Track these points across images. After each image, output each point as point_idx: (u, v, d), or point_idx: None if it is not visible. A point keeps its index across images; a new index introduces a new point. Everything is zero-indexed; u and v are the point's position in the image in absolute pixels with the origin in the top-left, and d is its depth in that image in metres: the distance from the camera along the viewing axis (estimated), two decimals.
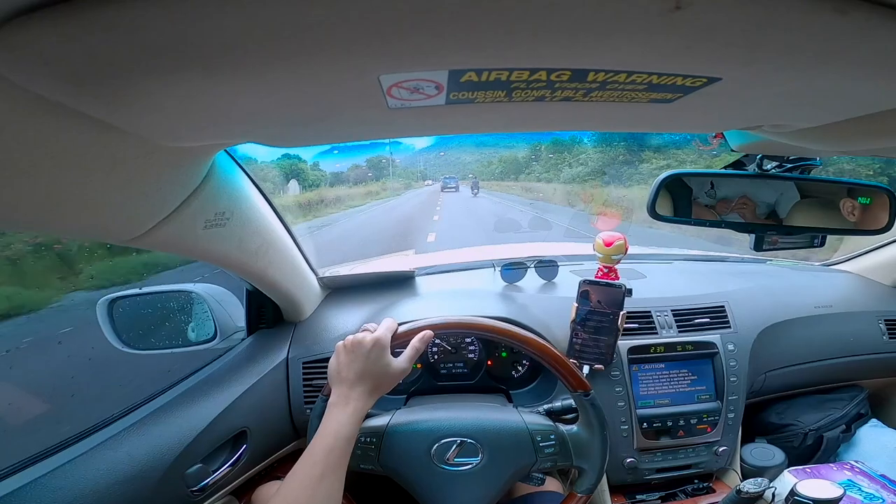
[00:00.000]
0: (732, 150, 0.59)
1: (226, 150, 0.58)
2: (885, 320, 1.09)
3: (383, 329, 0.66)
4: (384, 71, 0.25)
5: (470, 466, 0.67)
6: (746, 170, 0.66)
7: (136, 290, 0.86)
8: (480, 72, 0.26)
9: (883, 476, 0.83)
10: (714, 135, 0.60)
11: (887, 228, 0.66)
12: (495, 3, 0.19)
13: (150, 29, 0.19)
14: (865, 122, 0.38)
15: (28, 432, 1.83)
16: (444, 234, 7.68)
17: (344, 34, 0.20)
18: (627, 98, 0.31)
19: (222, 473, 0.73)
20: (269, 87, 0.25)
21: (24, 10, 0.19)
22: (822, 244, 0.71)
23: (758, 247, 0.69)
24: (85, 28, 0.19)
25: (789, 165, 0.64)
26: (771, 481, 0.84)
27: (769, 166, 0.64)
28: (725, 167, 0.67)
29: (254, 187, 0.69)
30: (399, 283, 1.08)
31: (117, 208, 0.44)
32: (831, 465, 0.87)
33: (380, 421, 0.70)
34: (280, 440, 0.87)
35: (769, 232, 0.67)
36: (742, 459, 0.95)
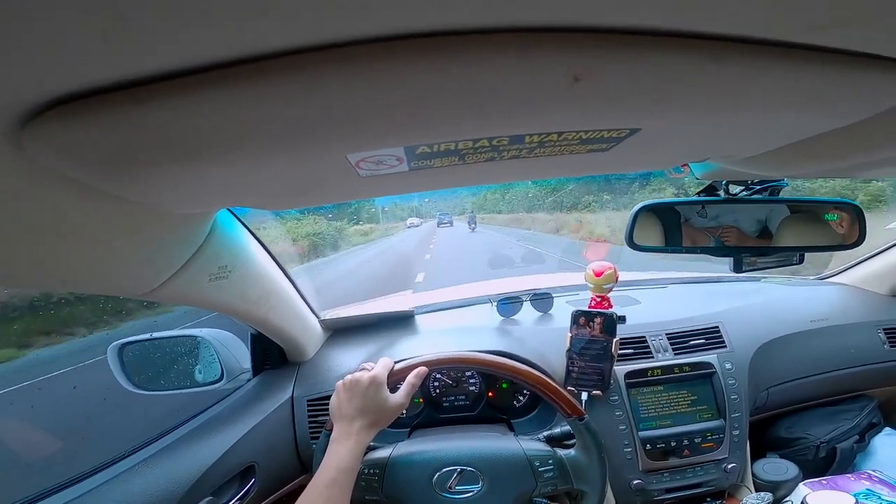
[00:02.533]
0: (697, 178, 0.62)
1: (226, 208, 0.63)
2: (884, 329, 1.09)
3: (380, 367, 0.70)
4: (349, 151, 0.29)
5: (471, 494, 0.69)
6: (718, 195, 0.69)
7: (145, 336, 0.89)
8: (431, 145, 0.29)
9: None
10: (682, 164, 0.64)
11: (860, 242, 0.69)
12: (431, 94, 0.23)
13: (157, 126, 0.23)
14: (799, 148, 0.40)
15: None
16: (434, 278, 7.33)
17: (314, 125, 0.24)
18: (567, 151, 0.34)
19: None
20: (261, 166, 0.29)
21: (56, 102, 0.22)
22: (801, 261, 0.73)
23: (738, 269, 0.71)
24: (110, 122, 0.22)
25: (757, 188, 0.67)
26: (788, 495, 0.83)
27: (736, 190, 0.67)
28: (699, 192, 0.70)
29: (254, 239, 0.73)
30: (399, 322, 1.11)
31: (130, 267, 0.48)
32: (848, 475, 0.85)
33: (382, 453, 0.72)
34: (287, 475, 0.88)
35: (745, 254, 0.70)
36: (754, 475, 0.94)
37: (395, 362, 0.72)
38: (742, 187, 0.66)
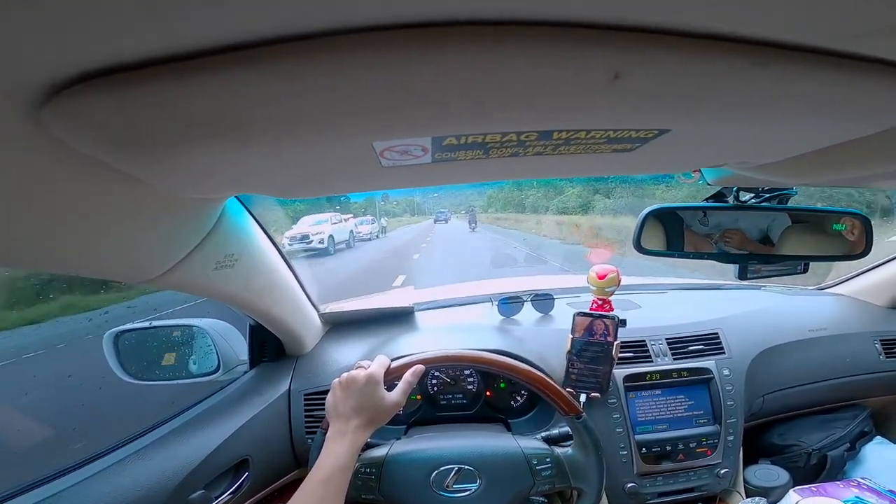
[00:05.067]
0: (708, 184, 0.62)
1: (235, 196, 0.62)
2: (881, 340, 1.10)
3: (376, 365, 0.69)
4: (377, 138, 0.28)
5: (469, 492, 0.68)
6: (727, 201, 0.68)
7: (142, 324, 0.88)
8: (459, 136, 0.29)
9: (891, 492, 0.82)
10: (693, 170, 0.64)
11: (866, 252, 0.69)
12: (466, 83, 0.22)
13: (188, 104, 0.22)
14: (819, 156, 0.41)
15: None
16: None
17: (343, 110, 0.24)
18: (592, 150, 0.34)
19: (224, 500, 0.74)
20: (282, 151, 0.29)
21: (80, 78, 0.22)
22: (806, 271, 0.73)
23: (742, 276, 0.71)
24: (131, 98, 0.22)
25: (766, 195, 0.67)
26: (778, 501, 0.84)
27: (746, 197, 0.67)
28: (707, 199, 0.70)
29: (260, 230, 0.72)
30: (398, 318, 1.10)
31: (138, 253, 0.47)
32: (838, 482, 0.86)
33: (379, 451, 0.72)
34: (281, 469, 0.88)
35: (751, 261, 0.70)
36: (746, 481, 0.95)
37: (392, 360, 0.72)
38: (752, 194, 0.66)
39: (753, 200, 0.67)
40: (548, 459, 0.70)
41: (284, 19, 0.19)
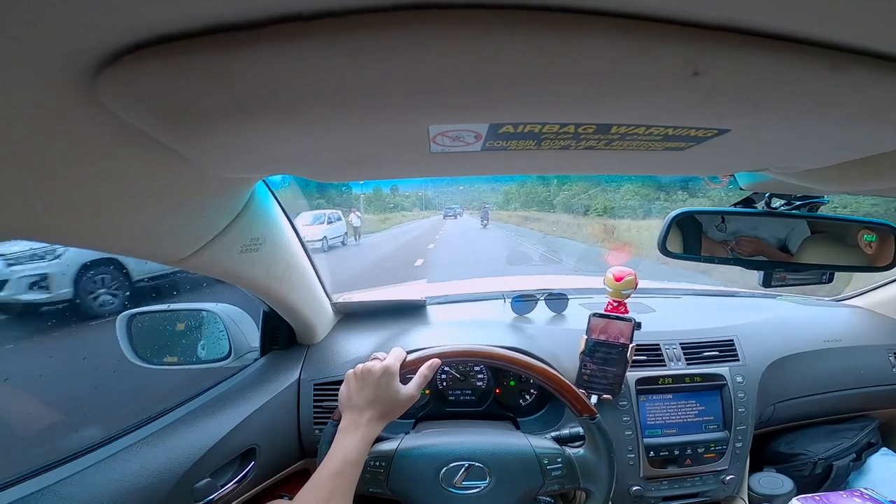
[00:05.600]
0: (741, 189, 0.60)
1: (263, 179, 0.62)
2: (895, 353, 1.09)
3: (392, 357, 0.68)
4: (433, 122, 0.28)
5: (478, 490, 0.68)
6: (755, 207, 0.67)
7: (156, 307, 0.88)
8: (517, 124, 0.28)
9: (893, 502, 0.82)
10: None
11: (893, 265, 0.68)
12: (533, 66, 0.22)
13: (233, 76, 0.22)
14: (864, 164, 0.40)
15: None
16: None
17: (402, 89, 0.23)
18: (645, 147, 0.33)
19: (229, 489, 0.73)
20: (328, 131, 0.28)
21: (132, 48, 0.21)
22: (830, 280, 0.72)
23: (766, 283, 0.70)
24: (179, 71, 0.21)
25: (797, 203, 0.66)
26: None
27: (777, 204, 0.66)
28: (735, 204, 0.69)
29: (283, 215, 0.72)
30: (410, 311, 1.10)
31: (169, 232, 0.47)
32: (841, 492, 0.86)
33: (389, 445, 0.71)
34: (287, 459, 0.88)
35: (777, 269, 0.69)
36: (750, 488, 0.95)
37: (408, 353, 0.71)
38: (783, 201, 0.65)
39: (784, 208, 0.65)
40: (559, 459, 0.69)
41: None
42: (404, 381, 0.68)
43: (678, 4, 0.19)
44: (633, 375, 0.91)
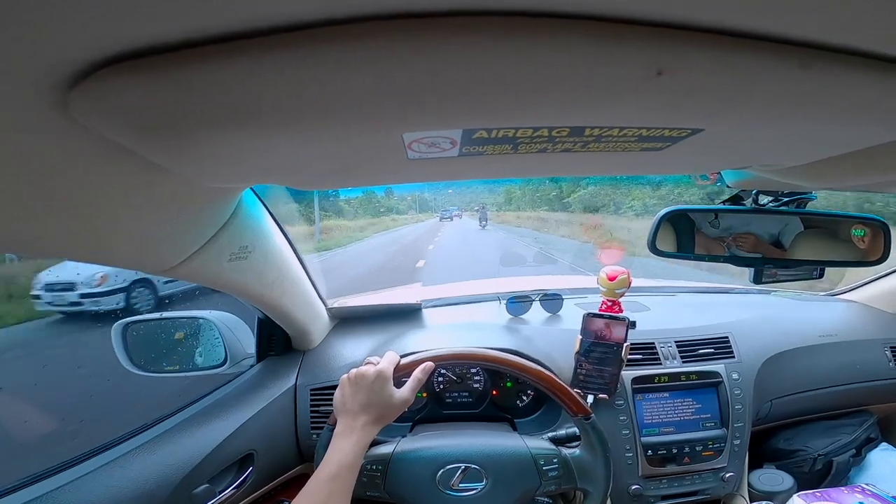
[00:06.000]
0: (728, 187, 0.61)
1: (251, 188, 0.62)
2: (892, 347, 1.09)
3: (386, 362, 0.69)
4: (407, 130, 0.28)
5: (475, 492, 0.68)
6: (744, 204, 0.68)
7: (151, 316, 0.88)
8: (490, 130, 0.28)
9: (895, 498, 0.82)
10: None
11: (883, 259, 0.68)
12: (503, 75, 0.22)
13: (208, 89, 0.22)
14: (844, 161, 0.40)
15: None
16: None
17: (375, 99, 0.23)
18: (621, 148, 0.34)
19: (227, 495, 0.73)
20: (307, 140, 0.28)
21: (104, 63, 0.21)
22: (821, 276, 0.72)
23: (757, 280, 0.70)
24: (154, 85, 0.21)
25: (785, 199, 0.66)
26: None
27: (765, 201, 0.66)
28: (724, 202, 0.69)
29: (273, 222, 0.72)
30: (406, 314, 1.10)
31: (154, 242, 0.47)
32: (842, 488, 0.86)
33: (385, 448, 0.71)
34: (285, 464, 0.88)
35: (767, 265, 0.69)
36: (750, 485, 0.95)
37: (402, 356, 0.71)
38: (771, 198, 0.65)
39: (772, 204, 0.66)
40: (555, 460, 0.70)
41: (316, 4, 0.18)
42: (398, 384, 0.68)
43: (640, 5, 0.20)
44: (628, 374, 0.91)
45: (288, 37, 0.20)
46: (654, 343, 0.96)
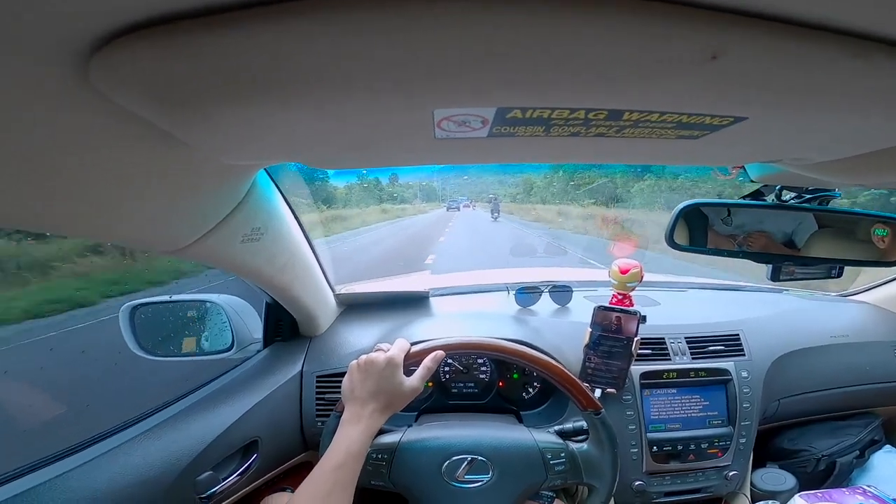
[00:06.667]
0: (752, 181, 0.59)
1: (265, 169, 0.61)
2: None
3: (396, 349, 0.68)
4: (439, 105, 0.27)
5: (480, 484, 0.68)
6: (765, 200, 0.66)
7: (158, 298, 0.88)
8: (525, 109, 0.27)
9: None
10: (734, 166, 0.61)
11: None
12: (544, 48, 0.21)
13: (232, 57, 0.21)
14: (881, 157, 0.39)
15: None
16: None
17: (407, 72, 0.22)
18: (657, 135, 0.32)
19: (231, 482, 0.73)
20: (330, 115, 0.27)
21: (126, 30, 0.21)
22: (840, 275, 0.71)
23: (775, 277, 0.69)
24: (179, 51, 0.21)
25: (808, 196, 0.65)
26: None
27: (787, 197, 0.65)
28: (744, 197, 0.68)
29: (285, 204, 0.71)
30: (413, 302, 1.10)
31: (167, 220, 0.46)
32: (843, 489, 0.86)
33: (391, 438, 0.71)
34: (289, 451, 0.88)
35: (786, 262, 0.68)
36: (752, 484, 0.95)
37: (412, 344, 0.70)
38: (794, 194, 0.64)
39: (794, 201, 0.64)
40: (562, 454, 0.69)
41: None
42: (407, 373, 0.67)
43: None
44: (637, 369, 0.91)
45: (312, 3, 0.19)
46: (664, 338, 0.96)
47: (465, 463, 0.68)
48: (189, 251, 0.52)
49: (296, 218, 0.76)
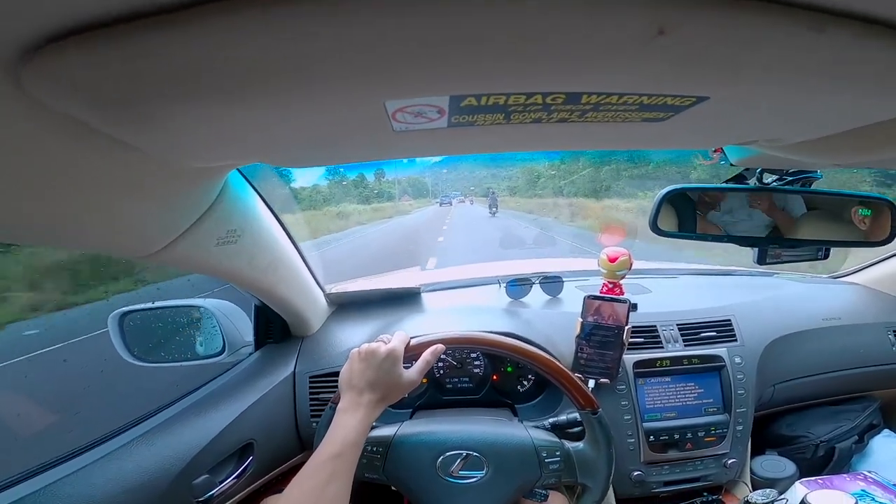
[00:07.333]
0: (732, 165, 0.59)
1: (238, 170, 0.60)
2: (895, 331, 1.08)
3: (397, 341, 0.67)
4: (389, 97, 0.26)
5: (474, 479, 0.67)
6: (748, 183, 0.66)
7: (147, 305, 0.87)
8: (479, 96, 0.27)
9: None
10: (714, 150, 0.61)
11: (889, 240, 0.66)
12: (491, 33, 0.20)
13: (173, 56, 0.21)
14: (856, 136, 0.39)
15: None
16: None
17: (352, 63, 0.22)
18: (621, 118, 0.32)
19: (228, 485, 0.73)
20: (282, 112, 0.27)
21: (58, 36, 0.20)
22: (826, 256, 0.71)
23: (761, 260, 0.69)
24: (114, 54, 0.20)
25: (789, 178, 0.64)
26: (782, 493, 0.83)
27: (769, 179, 0.64)
28: (727, 181, 0.68)
29: (264, 205, 0.71)
30: (405, 299, 1.09)
31: (135, 226, 0.46)
32: (844, 475, 0.85)
33: (387, 431, 0.71)
34: (286, 453, 0.87)
35: (772, 245, 0.68)
36: (752, 472, 0.95)
37: (411, 338, 0.70)
38: (776, 176, 0.64)
39: (777, 183, 0.64)
40: (557, 453, 0.69)
41: None
42: (405, 366, 0.67)
43: None
44: (630, 358, 0.91)
45: None
46: (655, 326, 0.95)
47: (460, 458, 0.68)
48: (160, 256, 0.51)
49: (277, 218, 0.75)
